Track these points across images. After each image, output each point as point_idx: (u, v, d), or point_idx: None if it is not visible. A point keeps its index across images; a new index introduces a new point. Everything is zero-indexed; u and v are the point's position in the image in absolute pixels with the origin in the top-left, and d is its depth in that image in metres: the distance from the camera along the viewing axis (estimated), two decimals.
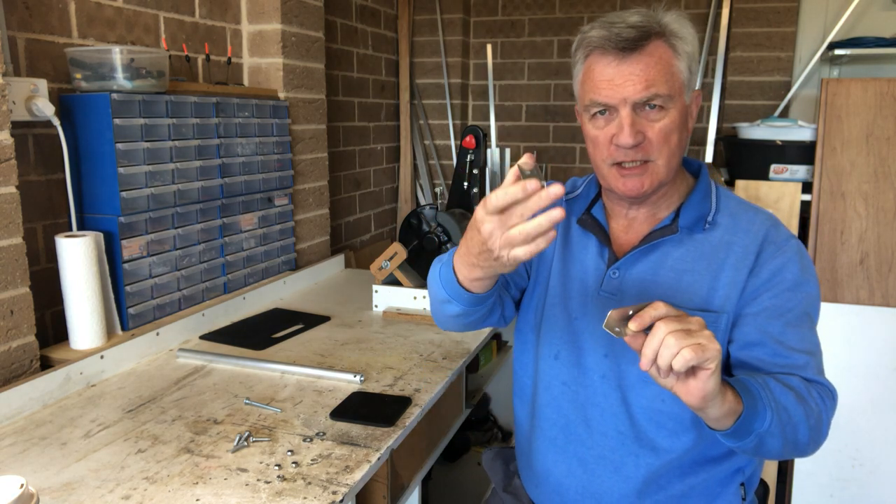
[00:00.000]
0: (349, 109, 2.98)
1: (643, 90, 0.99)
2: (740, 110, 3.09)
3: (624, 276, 1.10)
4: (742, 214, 1.09)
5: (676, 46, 1.01)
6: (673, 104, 1.01)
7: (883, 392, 2.17)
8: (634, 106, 1.01)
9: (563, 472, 1.17)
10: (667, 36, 1.01)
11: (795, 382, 0.98)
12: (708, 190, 1.12)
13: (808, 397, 0.97)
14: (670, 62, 1.00)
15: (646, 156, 1.03)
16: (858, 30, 2.91)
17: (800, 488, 2.26)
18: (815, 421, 0.96)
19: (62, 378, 1.35)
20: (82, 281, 1.44)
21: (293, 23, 2.16)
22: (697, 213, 1.08)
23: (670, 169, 1.05)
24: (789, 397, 0.94)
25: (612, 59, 1.00)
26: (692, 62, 1.03)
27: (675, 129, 1.02)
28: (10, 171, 1.30)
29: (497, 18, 3.55)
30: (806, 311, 1.03)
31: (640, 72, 0.99)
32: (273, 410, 1.29)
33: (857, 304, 2.19)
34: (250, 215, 1.99)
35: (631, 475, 1.10)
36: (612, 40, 0.99)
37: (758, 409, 0.89)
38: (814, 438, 0.97)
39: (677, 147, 1.04)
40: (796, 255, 1.05)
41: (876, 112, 2.16)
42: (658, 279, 1.07)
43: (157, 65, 1.58)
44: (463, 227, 2.13)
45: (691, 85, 1.04)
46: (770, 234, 1.06)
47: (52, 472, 1.07)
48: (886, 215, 2.16)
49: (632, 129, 1.00)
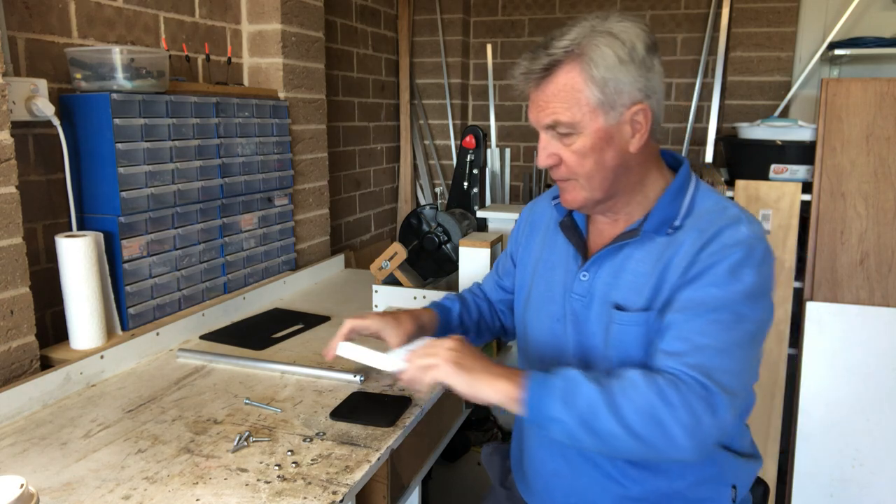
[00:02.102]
0: (349, 109, 2.98)
1: (545, 117, 1.05)
2: (740, 110, 3.09)
3: (592, 279, 1.12)
4: (706, 215, 1.07)
5: (588, 72, 1.01)
6: (582, 129, 1.03)
7: (883, 392, 2.17)
8: (548, 130, 1.07)
9: (550, 471, 1.18)
10: (582, 59, 1.01)
11: (633, 377, 0.95)
12: (681, 190, 1.10)
13: (626, 391, 0.94)
14: (576, 88, 1.02)
15: (566, 175, 1.09)
16: (858, 30, 2.90)
17: (800, 488, 2.26)
18: (641, 413, 0.92)
19: (62, 378, 1.35)
20: (82, 281, 1.44)
21: (293, 23, 2.16)
22: (663, 216, 1.09)
23: (595, 188, 1.08)
24: (594, 390, 0.95)
25: (532, 86, 1.07)
26: (608, 84, 1.01)
27: (591, 152, 1.05)
28: (10, 171, 1.30)
29: (497, 18, 3.55)
30: (718, 306, 0.98)
31: (546, 100, 1.05)
32: (273, 410, 1.29)
33: (857, 304, 2.19)
34: (250, 215, 1.99)
35: (613, 474, 1.11)
36: (525, 73, 1.06)
37: (544, 398, 0.96)
38: (652, 432, 0.92)
39: (596, 169, 1.06)
40: (739, 252, 1.00)
41: (876, 112, 2.16)
42: (619, 281, 1.09)
43: (157, 65, 1.58)
44: (463, 227, 2.13)
45: (615, 104, 1.02)
46: (720, 233, 1.02)
47: (52, 472, 1.07)
48: (886, 215, 2.16)
49: (544, 153, 1.08)
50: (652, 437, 0.92)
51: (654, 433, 0.92)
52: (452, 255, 2.08)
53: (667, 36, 3.28)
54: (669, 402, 0.92)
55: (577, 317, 1.13)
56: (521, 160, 3.59)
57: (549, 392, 0.97)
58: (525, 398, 0.97)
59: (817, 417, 2.24)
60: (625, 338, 1.06)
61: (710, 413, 0.93)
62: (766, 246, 1.04)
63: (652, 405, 0.92)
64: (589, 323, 1.11)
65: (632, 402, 0.93)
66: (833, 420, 2.23)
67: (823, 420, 2.23)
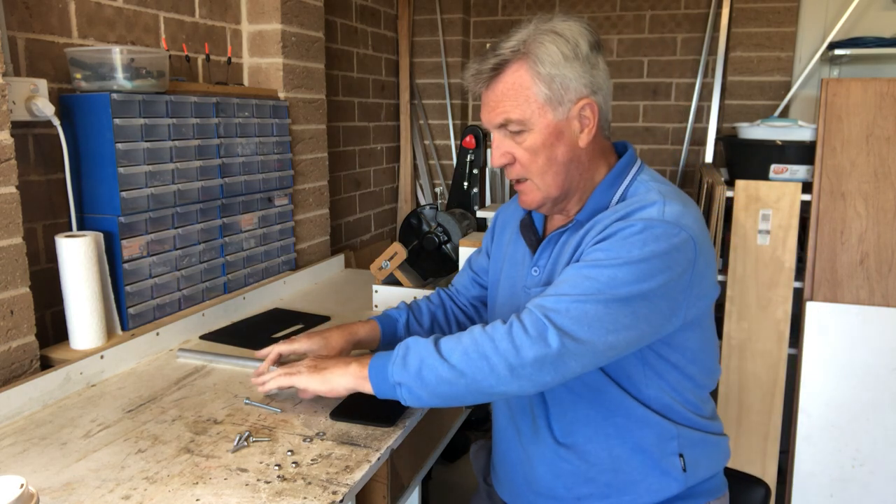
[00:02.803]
0: (349, 109, 2.98)
1: (496, 116, 1.09)
2: (740, 110, 3.09)
3: (541, 272, 1.17)
4: (631, 198, 1.10)
5: (534, 69, 1.05)
6: (532, 126, 1.07)
7: (883, 392, 2.18)
8: (500, 129, 1.10)
9: (513, 460, 1.24)
10: (528, 57, 1.05)
11: (467, 328, 1.06)
12: (618, 178, 1.13)
13: (458, 337, 1.04)
14: (524, 86, 1.06)
15: (520, 174, 1.13)
16: (858, 30, 2.91)
17: (800, 488, 2.26)
18: (467, 352, 1.01)
19: (62, 378, 1.35)
20: (82, 281, 1.44)
21: (293, 23, 2.16)
22: (596, 203, 1.13)
23: (549, 185, 1.11)
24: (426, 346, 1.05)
25: (482, 87, 1.11)
26: (554, 80, 1.05)
27: (542, 148, 1.08)
28: (10, 171, 1.30)
29: (497, 18, 3.56)
30: (599, 267, 1.00)
31: (496, 99, 1.09)
32: (273, 410, 1.29)
33: (857, 304, 2.19)
34: (250, 215, 1.99)
35: (558, 452, 1.16)
36: (474, 74, 1.10)
37: (387, 371, 1.07)
38: (476, 367, 0.99)
39: (548, 164, 1.09)
40: (635, 228, 1.02)
41: (876, 112, 2.16)
42: (558, 268, 1.13)
43: (157, 65, 1.58)
44: (463, 227, 2.13)
45: (563, 100, 1.06)
46: (631, 213, 1.05)
47: (52, 472, 1.07)
48: (886, 215, 2.17)
49: (497, 152, 1.12)
50: (475, 371, 0.99)
51: (477, 367, 0.99)
52: (452, 254, 2.08)
53: (667, 36, 3.28)
54: (492, 336, 0.99)
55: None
56: None
57: (388, 360, 1.07)
58: (368, 373, 1.09)
59: (817, 417, 2.24)
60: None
61: (533, 345, 0.97)
62: (671, 225, 1.02)
63: (477, 342, 1.00)
64: None
65: (460, 343, 1.01)
66: (833, 420, 2.23)
67: (823, 420, 2.23)
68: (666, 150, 3.37)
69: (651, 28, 3.30)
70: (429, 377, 1.02)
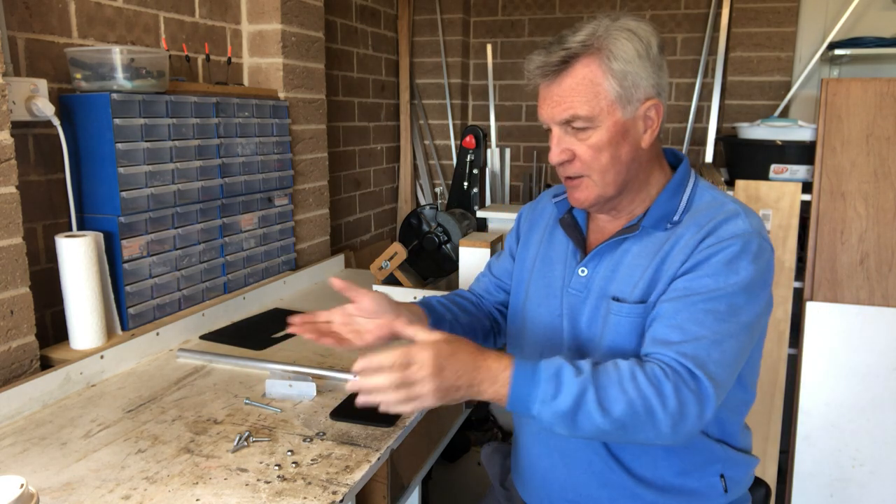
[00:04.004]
0: (349, 109, 2.98)
1: (562, 112, 1.04)
2: (740, 110, 3.09)
3: (591, 274, 1.13)
4: (705, 210, 1.08)
5: (607, 64, 1.02)
6: (599, 122, 1.04)
7: (883, 392, 2.17)
8: (563, 126, 1.06)
9: (545, 467, 1.19)
10: (601, 52, 1.02)
11: (622, 368, 0.95)
12: (680, 186, 1.12)
13: (619, 384, 0.93)
14: (595, 81, 1.03)
15: (579, 172, 1.08)
16: (858, 30, 2.90)
17: (800, 488, 2.26)
18: (631, 406, 0.92)
19: (62, 378, 1.35)
20: (82, 281, 1.44)
21: (293, 23, 2.16)
22: (662, 212, 1.10)
23: (608, 183, 1.08)
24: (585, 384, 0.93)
25: (547, 81, 1.06)
26: (627, 78, 1.03)
27: (607, 146, 1.05)
28: (10, 171, 1.30)
29: (497, 18, 3.56)
30: (714, 297, 0.99)
31: (562, 94, 1.04)
32: (273, 410, 1.29)
33: (857, 304, 2.18)
34: (250, 215, 1.99)
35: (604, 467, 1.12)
36: (541, 66, 1.05)
37: (531, 405, 0.93)
38: (641, 423, 0.93)
39: (611, 163, 1.06)
40: (735, 245, 1.01)
41: (876, 112, 2.16)
42: (615, 276, 1.10)
43: (157, 65, 1.58)
44: (463, 227, 2.13)
45: (632, 98, 1.04)
46: (718, 227, 1.04)
47: (52, 472, 1.07)
48: (886, 215, 2.16)
49: (557, 149, 1.07)
50: (637, 425, 0.93)
51: (641, 422, 0.93)
52: (452, 255, 2.08)
53: (667, 36, 3.28)
54: (661, 393, 0.92)
55: (572, 311, 1.14)
56: (521, 160, 3.59)
57: (533, 389, 0.94)
58: (509, 397, 0.95)
59: (817, 417, 2.24)
60: (620, 329, 1.07)
61: (696, 403, 0.93)
62: (763, 239, 1.05)
63: (644, 395, 0.92)
64: (583, 317, 1.12)
65: (625, 394, 0.92)
66: (833, 420, 2.22)
67: (823, 420, 2.23)
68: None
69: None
70: (584, 424, 0.93)
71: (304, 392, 1.34)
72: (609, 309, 1.08)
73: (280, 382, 1.35)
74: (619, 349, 1.07)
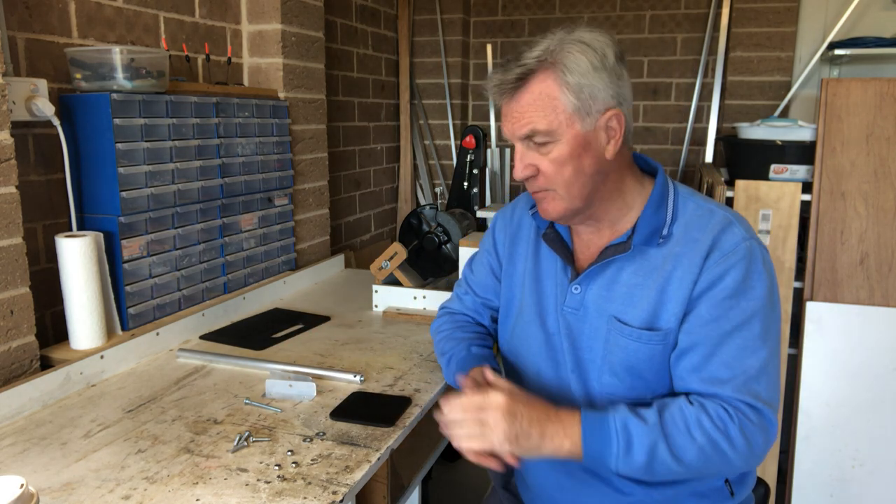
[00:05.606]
0: (349, 109, 2.99)
1: (522, 127, 1.05)
2: (740, 110, 3.09)
3: (585, 291, 1.13)
4: (695, 221, 1.08)
5: (562, 78, 1.02)
6: (559, 136, 1.04)
7: (883, 392, 2.17)
8: (525, 141, 1.07)
9: (553, 484, 1.19)
10: (556, 67, 1.02)
11: (687, 415, 1.00)
12: (662, 198, 1.11)
13: (687, 432, 0.99)
14: (552, 96, 1.02)
15: (543, 186, 1.09)
16: (858, 30, 2.91)
17: (800, 488, 2.26)
18: (703, 452, 0.99)
19: (62, 378, 1.35)
20: (82, 281, 1.44)
21: (293, 23, 2.16)
22: (651, 227, 1.09)
23: (574, 196, 1.08)
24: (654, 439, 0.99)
25: (506, 99, 1.07)
26: (583, 90, 1.02)
27: (569, 159, 1.05)
28: (10, 171, 1.30)
29: (497, 18, 3.56)
30: (746, 320, 1.02)
31: (521, 110, 1.05)
32: (273, 410, 1.29)
33: (857, 304, 2.18)
34: (250, 215, 1.99)
35: (616, 484, 1.12)
36: (498, 85, 1.06)
37: (606, 460, 0.99)
38: (713, 465, 1.00)
39: (575, 176, 1.06)
40: (743, 260, 1.03)
41: (876, 112, 2.16)
42: (612, 294, 1.10)
43: (157, 65, 1.58)
44: (463, 227, 2.13)
45: (591, 110, 1.03)
46: (718, 240, 1.05)
47: (52, 472, 1.07)
48: (886, 215, 2.16)
49: (521, 164, 1.08)
50: (710, 467, 1.01)
51: (713, 464, 1.00)
52: (452, 254, 2.08)
53: (667, 36, 3.28)
54: (728, 436, 0.98)
55: (571, 330, 1.13)
56: None
57: (607, 445, 0.99)
58: (584, 455, 1.00)
59: (817, 417, 2.24)
60: (629, 349, 1.07)
61: (762, 433, 1.00)
62: (758, 241, 1.07)
63: (713, 441, 0.98)
64: (584, 336, 1.12)
65: (694, 442, 0.98)
66: (833, 420, 2.23)
67: (823, 420, 2.23)
68: (666, 151, 3.37)
69: (651, 28, 3.31)
70: (660, 471, 1.00)
71: (304, 392, 1.34)
72: (612, 329, 1.08)
73: (280, 382, 1.35)
74: (624, 370, 1.08)
